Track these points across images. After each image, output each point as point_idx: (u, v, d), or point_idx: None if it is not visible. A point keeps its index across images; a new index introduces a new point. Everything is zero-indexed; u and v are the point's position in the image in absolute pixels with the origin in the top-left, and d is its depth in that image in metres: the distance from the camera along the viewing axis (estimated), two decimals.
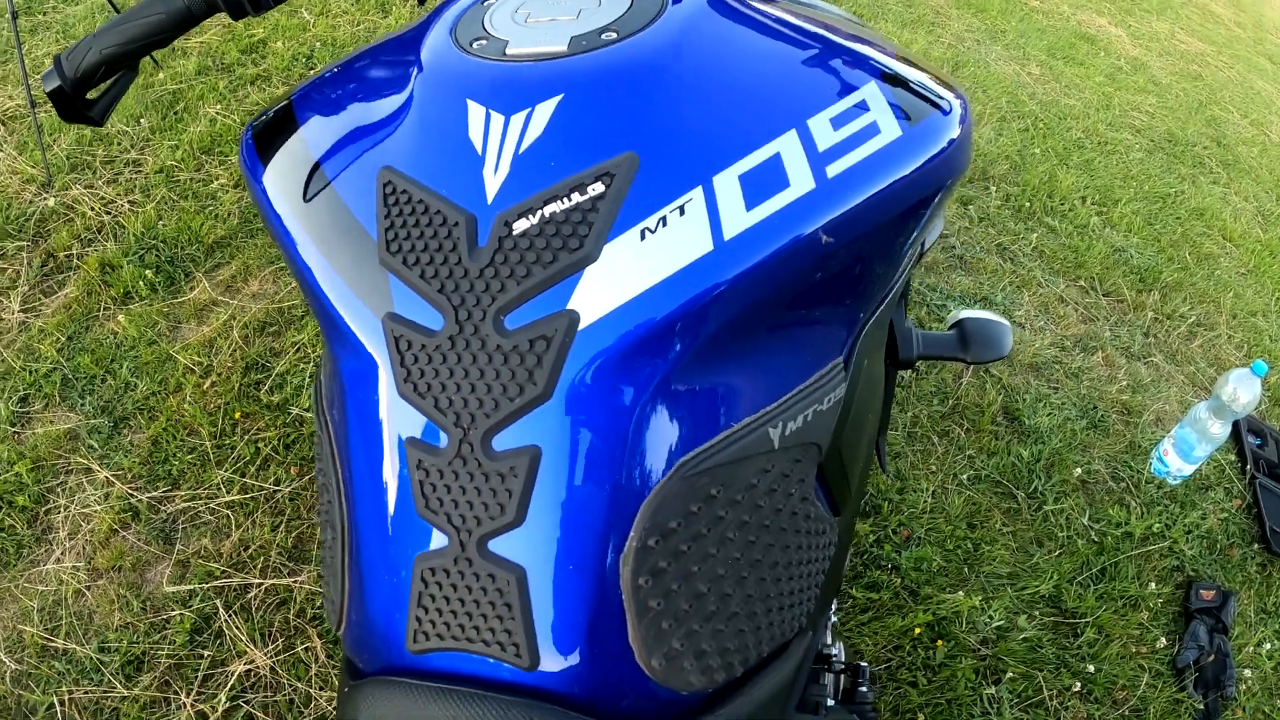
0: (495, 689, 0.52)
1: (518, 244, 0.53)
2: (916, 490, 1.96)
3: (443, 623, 0.53)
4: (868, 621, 1.73)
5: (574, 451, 0.51)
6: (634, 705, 0.54)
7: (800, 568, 0.60)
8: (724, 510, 0.54)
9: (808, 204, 0.54)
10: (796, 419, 0.56)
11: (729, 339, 0.54)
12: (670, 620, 0.53)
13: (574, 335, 0.51)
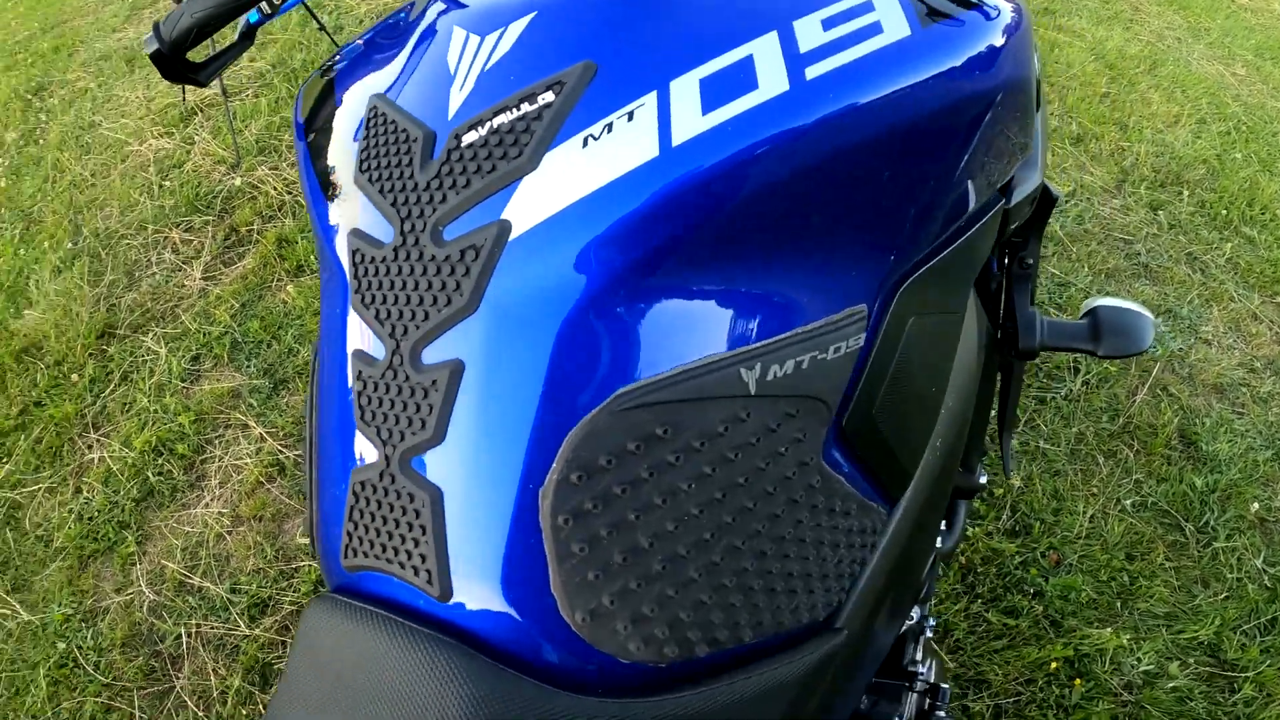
0: (413, 618, 0.49)
1: (463, 156, 0.51)
2: (1073, 512, 1.77)
3: (369, 540, 0.51)
4: (1001, 649, 1.57)
5: (498, 368, 0.47)
6: (561, 662, 0.48)
7: (806, 547, 0.52)
8: (675, 456, 0.48)
9: (776, 109, 0.47)
10: (784, 364, 0.49)
11: (693, 261, 0.48)
12: (596, 571, 0.47)
13: (503, 245, 0.48)
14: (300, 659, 0.50)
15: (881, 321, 0.54)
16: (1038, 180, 0.65)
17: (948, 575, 1.69)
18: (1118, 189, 2.33)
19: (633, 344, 0.47)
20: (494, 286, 0.48)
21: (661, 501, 0.48)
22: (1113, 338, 0.91)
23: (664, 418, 0.47)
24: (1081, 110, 2.52)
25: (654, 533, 0.48)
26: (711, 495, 0.49)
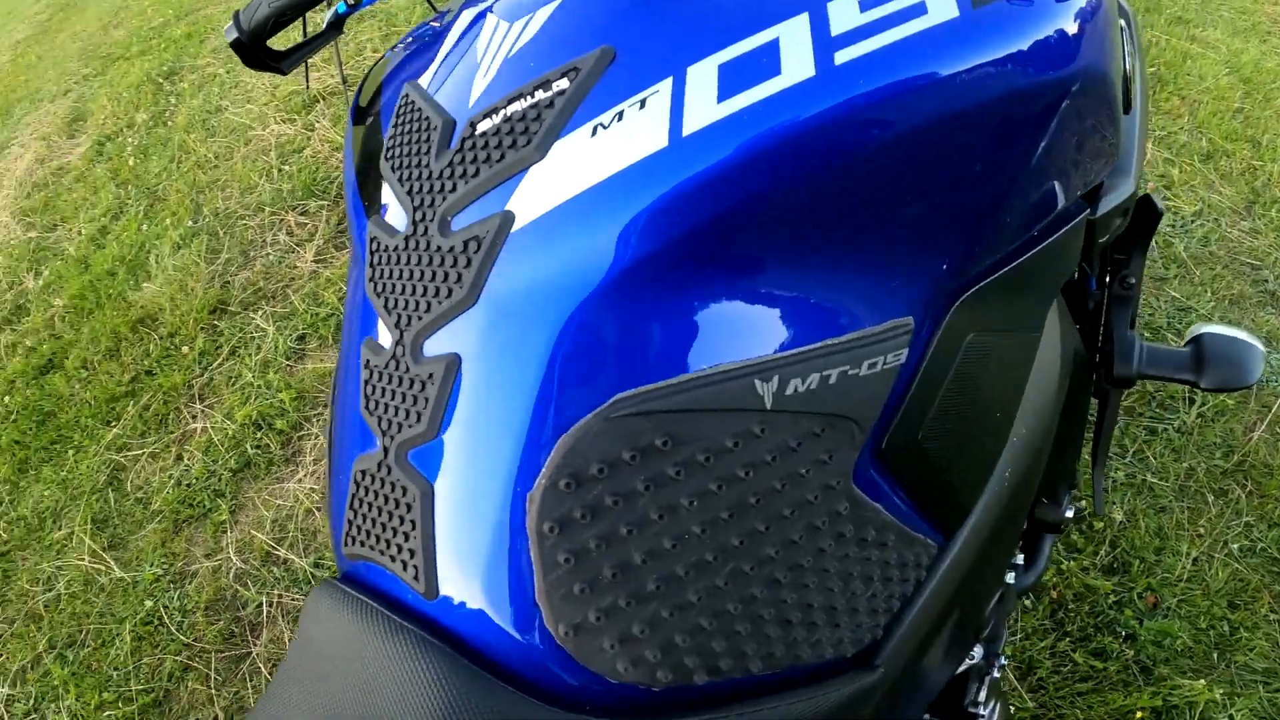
0: (401, 613, 0.48)
1: (476, 144, 0.49)
2: (1176, 553, 1.66)
3: (365, 530, 0.51)
4: (1085, 692, 1.49)
5: (494, 365, 0.46)
6: (547, 675, 0.46)
7: (831, 578, 0.49)
8: (676, 470, 0.45)
9: (798, 96, 0.43)
10: (807, 379, 0.45)
11: (706, 261, 0.45)
12: (583, 585, 0.45)
13: (505, 237, 0.46)
14: (299, 643, 0.50)
15: (932, 337, 0.50)
16: (1130, 189, 0.60)
17: (1036, 610, 1.61)
18: (1247, 210, 2.17)
19: (635, 347, 0.45)
20: (494, 280, 0.46)
21: (658, 517, 0.45)
22: (1218, 369, 0.84)
23: (665, 428, 0.45)
24: (1212, 125, 2.36)
25: (648, 550, 0.45)
26: (717, 515, 0.46)
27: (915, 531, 0.53)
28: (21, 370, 2.75)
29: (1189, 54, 2.61)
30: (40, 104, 4.14)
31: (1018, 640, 1.57)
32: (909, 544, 0.52)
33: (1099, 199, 0.58)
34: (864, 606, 0.51)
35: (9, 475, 2.45)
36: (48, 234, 3.27)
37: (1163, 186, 2.24)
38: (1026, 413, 0.63)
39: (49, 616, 2.02)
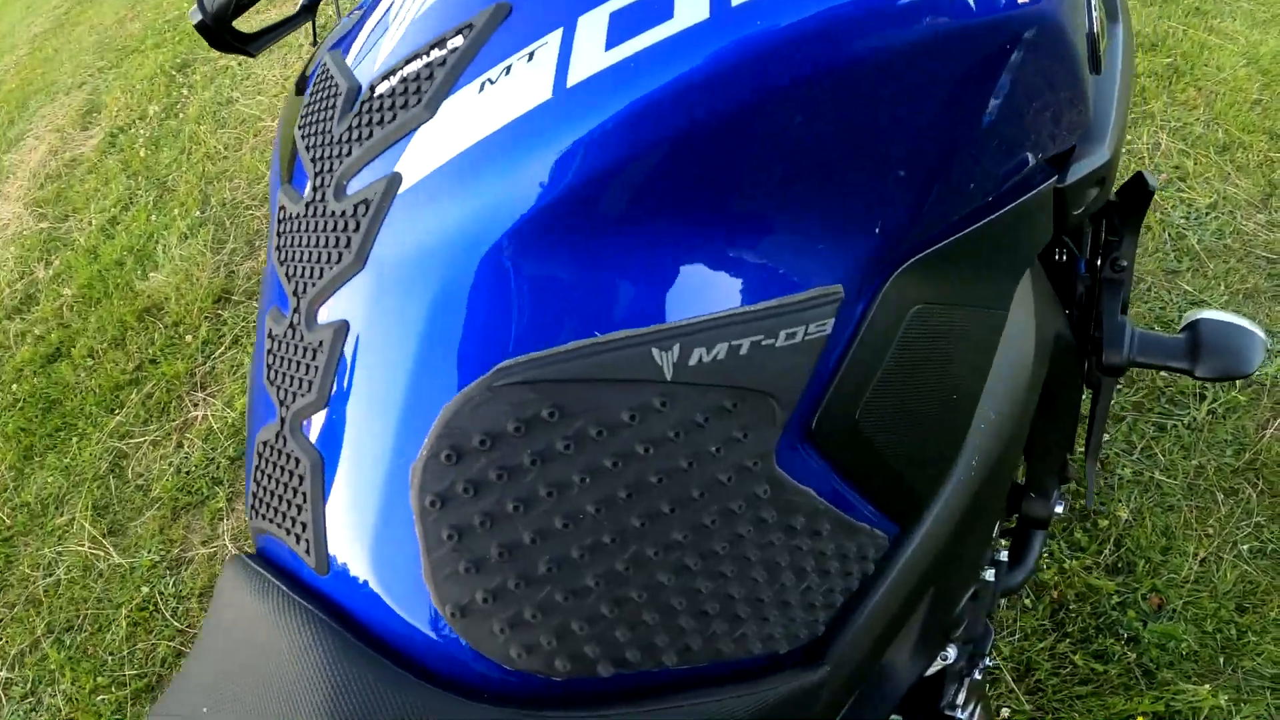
0: (297, 588, 0.46)
1: (373, 107, 0.48)
2: (1183, 553, 1.62)
3: (265, 503, 0.49)
4: (1085, 695, 1.45)
5: (380, 331, 0.44)
6: (443, 659, 0.44)
7: (752, 567, 0.46)
8: (565, 444, 0.42)
9: (689, 41, 0.40)
10: (713, 348, 0.42)
11: (598, 220, 0.42)
12: (469, 564, 0.42)
13: (391, 199, 0.44)
14: (210, 621, 0.49)
15: (869, 307, 0.46)
16: (1104, 157, 0.56)
17: (1036, 610, 1.57)
18: (1264, 203, 2.11)
19: (522, 312, 0.42)
20: (381, 243, 0.44)
21: (548, 494, 0.42)
22: (1214, 356, 0.80)
23: (552, 399, 0.42)
24: (1229, 117, 2.30)
25: (538, 529, 0.43)
26: (613, 494, 0.43)
27: (859, 521, 0.50)
28: (30, 358, 2.76)
29: (1207, 45, 2.55)
30: (56, 96, 4.17)
31: (1015, 641, 1.53)
32: (850, 534, 0.49)
33: (1068, 166, 0.55)
34: (798, 600, 0.48)
35: (15, 462, 2.47)
36: (59, 224, 3.29)
37: (1177, 178, 2.19)
38: (996, 397, 0.60)
39: (48, 601, 2.03)
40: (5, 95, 4.41)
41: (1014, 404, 0.62)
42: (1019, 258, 0.56)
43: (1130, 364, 0.82)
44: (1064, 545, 1.64)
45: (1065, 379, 0.83)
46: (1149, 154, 2.26)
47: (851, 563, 0.50)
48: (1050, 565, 1.61)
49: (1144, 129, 2.32)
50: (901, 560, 0.55)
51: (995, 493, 0.64)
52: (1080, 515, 1.69)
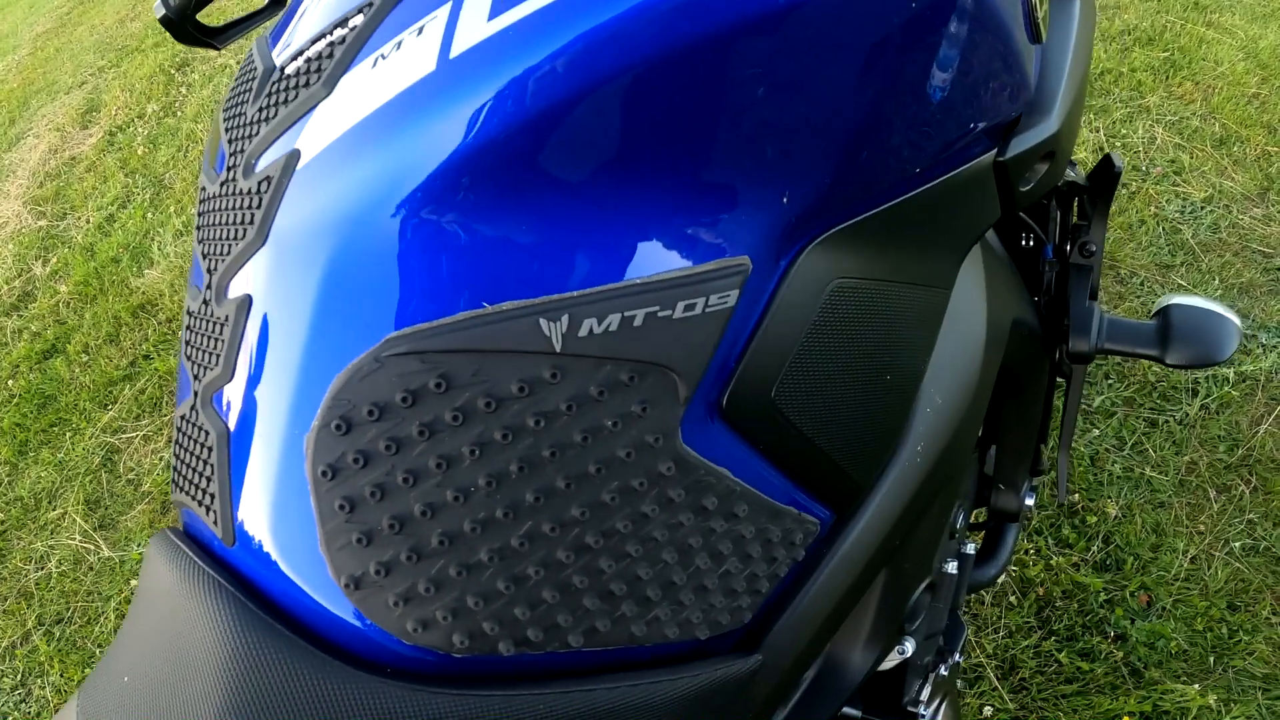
0: (208, 560, 0.47)
1: (281, 87, 0.49)
2: (1174, 550, 1.60)
3: (183, 476, 0.50)
4: (1070, 695, 1.43)
5: (279, 304, 0.44)
6: (345, 631, 0.44)
7: (660, 548, 0.45)
8: (454, 416, 0.41)
9: (572, 7, 0.40)
10: (605, 319, 0.41)
11: (490, 190, 0.41)
12: (361, 535, 0.42)
13: (291, 174, 0.45)
14: (137, 595, 0.50)
15: (782, 280, 0.45)
16: (1050, 129, 0.54)
17: (1021, 607, 1.55)
18: (1260, 197, 2.09)
19: (413, 282, 0.42)
20: (280, 218, 0.45)
21: (437, 466, 0.42)
22: (1186, 343, 0.78)
23: (440, 369, 0.41)
24: (1227, 111, 2.28)
25: (429, 502, 0.42)
26: (505, 468, 0.42)
27: (784, 505, 0.49)
28: (26, 355, 2.77)
29: (1205, 39, 2.52)
30: (57, 95, 4.19)
31: (999, 638, 1.51)
32: (774, 518, 0.48)
33: (1010, 139, 0.54)
34: (716, 585, 0.47)
35: (9, 457, 2.47)
36: (57, 222, 3.30)
37: (1172, 172, 2.17)
38: (943, 382, 0.59)
39: (39, 594, 2.03)
40: (7, 95, 4.43)
41: (963, 390, 0.60)
42: (958, 235, 0.55)
43: (1099, 351, 0.81)
44: (1051, 541, 1.62)
45: (1030, 367, 0.81)
46: (1144, 148, 2.23)
47: (776, 548, 0.49)
48: (1037, 562, 1.59)
49: (1140, 123, 2.29)
50: (841, 548, 0.54)
51: (947, 480, 0.62)
52: (1069, 511, 1.67)
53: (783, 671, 0.54)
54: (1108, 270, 2.02)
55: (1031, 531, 1.65)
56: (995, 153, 0.52)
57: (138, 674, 0.46)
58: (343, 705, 0.42)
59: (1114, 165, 0.76)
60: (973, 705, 1.46)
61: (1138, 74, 2.44)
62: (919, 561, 0.66)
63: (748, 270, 0.44)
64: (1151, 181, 2.15)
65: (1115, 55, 2.53)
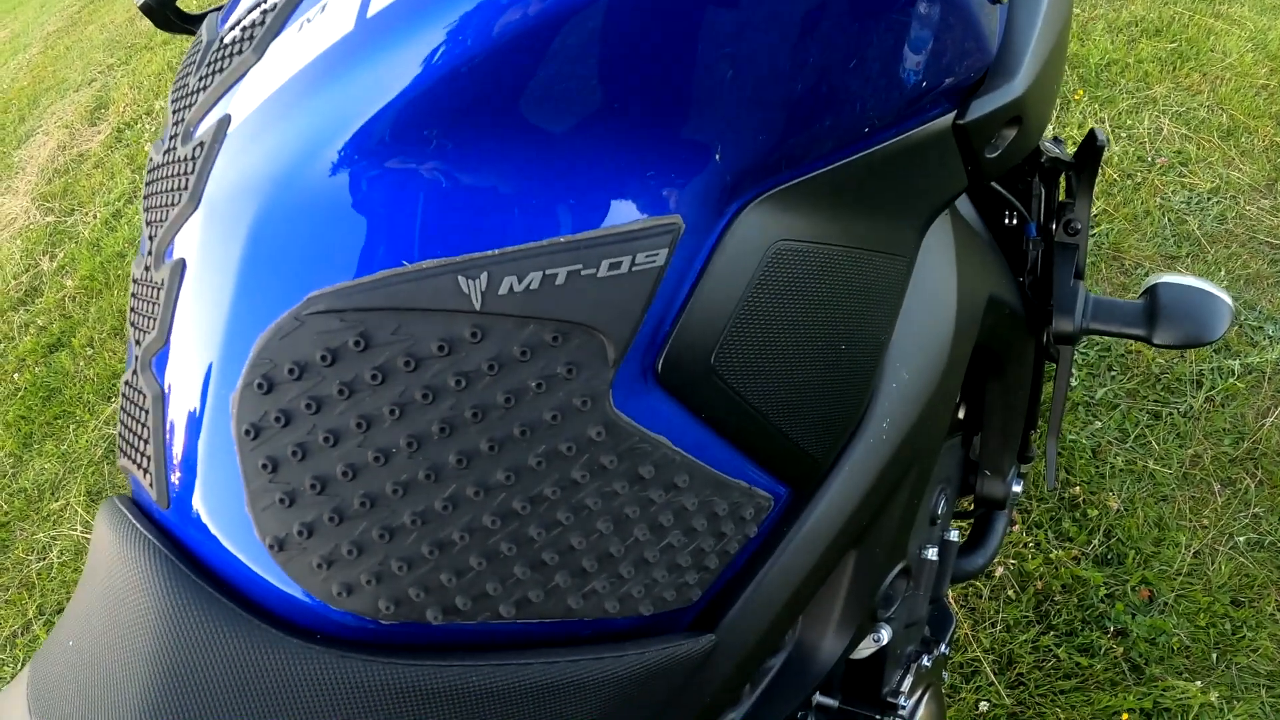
0: (148, 524, 0.47)
1: (218, 56, 0.49)
2: (1176, 544, 1.57)
3: (125, 440, 0.50)
4: (1068, 690, 1.41)
5: (210, 265, 0.44)
6: (274, 594, 0.43)
7: (593, 517, 0.44)
8: (374, 375, 0.41)
9: None
10: (525, 277, 0.40)
11: (410, 147, 0.41)
12: (284, 495, 0.42)
13: (222, 139, 0.45)
14: (88, 559, 0.50)
15: (719, 242, 0.44)
16: (1015, 93, 0.52)
17: (1020, 601, 1.53)
18: (1268, 188, 2.06)
19: (336, 241, 0.41)
20: (212, 182, 0.45)
21: (358, 427, 0.41)
22: (1174, 323, 0.76)
23: (359, 328, 0.41)
24: (1234, 102, 2.24)
25: (350, 463, 0.42)
26: (427, 429, 0.41)
27: (732, 477, 0.47)
28: (32, 348, 2.79)
29: (1213, 30, 2.49)
30: (66, 93, 4.22)
31: (997, 632, 1.49)
32: (719, 491, 0.47)
33: (969, 101, 0.52)
34: (658, 558, 0.46)
35: (14, 449, 2.49)
36: (65, 218, 3.32)
37: (1178, 162, 2.13)
38: (909, 357, 0.57)
39: (40, 584, 2.04)
40: (17, 93, 4.47)
41: (932, 365, 0.59)
42: (918, 201, 0.53)
43: (1084, 332, 0.79)
44: (1051, 535, 1.60)
45: (1012, 347, 0.79)
46: (1150, 139, 2.20)
47: (724, 522, 0.47)
48: (1036, 555, 1.57)
49: (1146, 114, 2.26)
50: (803, 527, 0.52)
51: (917, 460, 0.61)
52: (1069, 505, 1.65)
53: (742, 654, 0.52)
54: (1112, 261, 1.99)
55: (1031, 524, 1.63)
56: (955, 115, 0.51)
57: (82, 639, 0.46)
58: (269, 671, 0.41)
59: (1097, 139, 0.74)
60: (969, 700, 1.44)
61: (1144, 65, 2.41)
62: (891, 545, 0.64)
63: (679, 229, 0.43)
64: (1157, 172, 2.13)
65: (1122, 46, 2.50)
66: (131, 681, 0.42)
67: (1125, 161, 2.18)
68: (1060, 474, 1.67)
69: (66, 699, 0.45)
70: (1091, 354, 1.84)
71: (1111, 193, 2.12)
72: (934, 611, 0.93)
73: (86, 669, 0.44)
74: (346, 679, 0.41)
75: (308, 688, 0.41)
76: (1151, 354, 1.83)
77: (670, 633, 0.49)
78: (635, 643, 0.46)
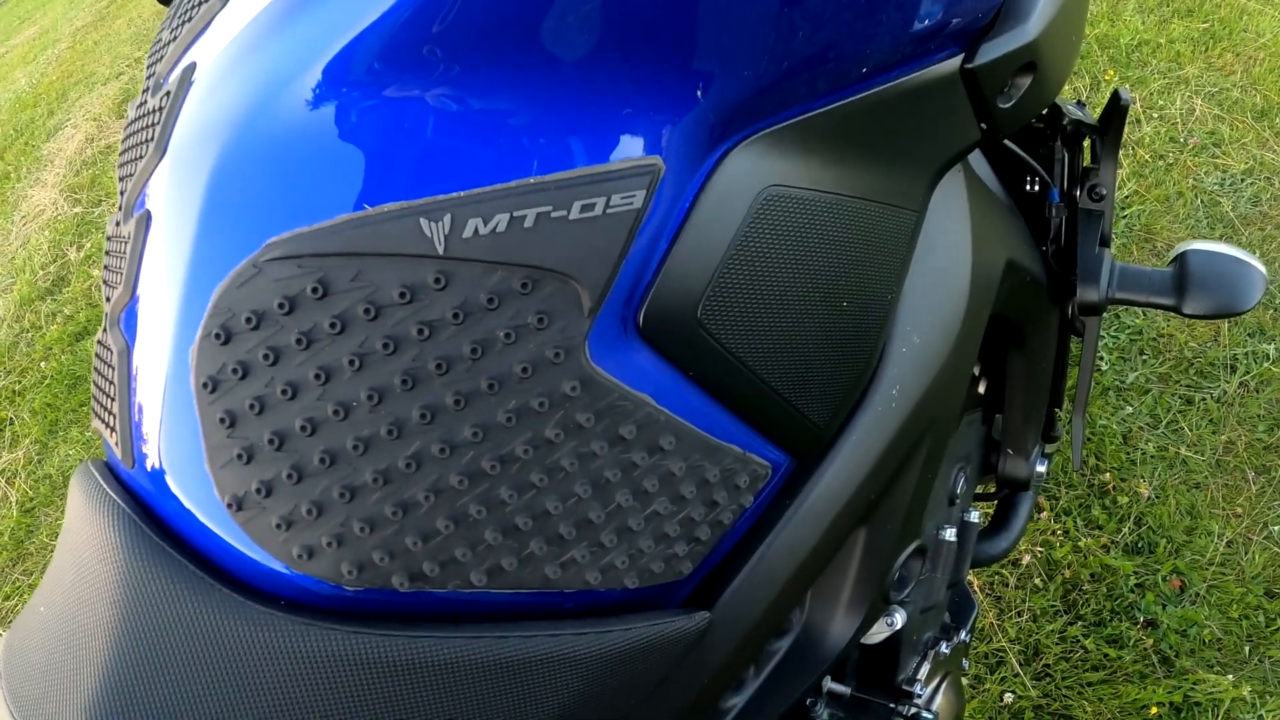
0: (115, 485, 0.45)
1: (187, 7, 0.48)
2: (1209, 533, 1.53)
3: (97, 401, 0.49)
4: (1096, 683, 1.38)
5: (174, 215, 0.42)
6: (236, 557, 0.41)
7: (569, 480, 0.41)
8: (333, 324, 0.39)
9: None
10: (491, 219, 0.38)
11: (372, 85, 0.39)
12: (241, 451, 0.40)
13: (187, 87, 0.43)
14: (64, 524, 0.49)
15: (704, 185, 0.41)
16: (1026, 37, 0.49)
17: (1047, 590, 1.49)
18: None
19: (295, 185, 0.39)
20: (177, 131, 0.43)
21: (316, 379, 0.39)
22: (1204, 292, 0.73)
23: (317, 274, 0.38)
24: (1268, 82, 2.18)
25: (309, 417, 0.39)
26: (389, 381, 0.39)
27: (723, 441, 0.45)
28: (58, 337, 2.82)
29: (1246, 10, 2.42)
30: (94, 87, 4.27)
31: (1023, 622, 1.46)
32: (709, 455, 0.44)
33: (979, 45, 0.49)
34: (644, 527, 0.43)
35: (40, 436, 2.52)
36: (92, 209, 3.36)
37: (1211, 143, 2.08)
38: (920, 320, 0.54)
39: None
40: (47, 87, 4.53)
41: (945, 330, 0.56)
42: (926, 150, 0.50)
43: (1110, 301, 0.76)
44: (1080, 522, 1.56)
45: (1032, 317, 0.76)
46: (1182, 119, 2.15)
47: (715, 490, 0.45)
48: (1064, 543, 1.53)
49: (1178, 94, 2.21)
50: (806, 499, 0.49)
51: (930, 432, 0.58)
52: (1099, 492, 1.61)
53: (742, 634, 0.49)
54: (1144, 243, 1.94)
55: (1059, 511, 1.59)
56: (963, 59, 0.48)
57: (51, 605, 0.45)
58: (229, 638, 0.40)
59: (1121, 99, 0.71)
60: (993, 691, 1.41)
61: (1176, 45, 2.35)
62: (904, 523, 0.61)
63: (658, 171, 0.40)
64: (1190, 153, 2.07)
65: (1154, 26, 2.44)
66: (93, 647, 0.41)
67: (1157, 142, 2.12)
68: (1090, 460, 1.63)
69: (34, 664, 0.43)
70: (1123, 337, 1.80)
71: (1143, 174, 2.07)
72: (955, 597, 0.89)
73: (54, 635, 0.43)
74: (308, 648, 0.39)
75: (268, 656, 0.39)
76: (1184, 338, 1.78)
77: (661, 609, 0.46)
78: (621, 618, 0.44)
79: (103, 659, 0.41)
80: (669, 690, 0.48)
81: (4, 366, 2.82)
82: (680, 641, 0.45)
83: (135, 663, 0.40)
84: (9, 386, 2.74)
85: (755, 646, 0.53)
